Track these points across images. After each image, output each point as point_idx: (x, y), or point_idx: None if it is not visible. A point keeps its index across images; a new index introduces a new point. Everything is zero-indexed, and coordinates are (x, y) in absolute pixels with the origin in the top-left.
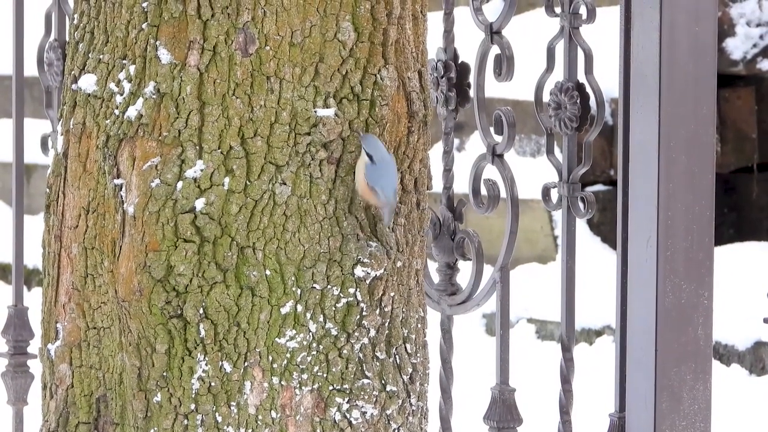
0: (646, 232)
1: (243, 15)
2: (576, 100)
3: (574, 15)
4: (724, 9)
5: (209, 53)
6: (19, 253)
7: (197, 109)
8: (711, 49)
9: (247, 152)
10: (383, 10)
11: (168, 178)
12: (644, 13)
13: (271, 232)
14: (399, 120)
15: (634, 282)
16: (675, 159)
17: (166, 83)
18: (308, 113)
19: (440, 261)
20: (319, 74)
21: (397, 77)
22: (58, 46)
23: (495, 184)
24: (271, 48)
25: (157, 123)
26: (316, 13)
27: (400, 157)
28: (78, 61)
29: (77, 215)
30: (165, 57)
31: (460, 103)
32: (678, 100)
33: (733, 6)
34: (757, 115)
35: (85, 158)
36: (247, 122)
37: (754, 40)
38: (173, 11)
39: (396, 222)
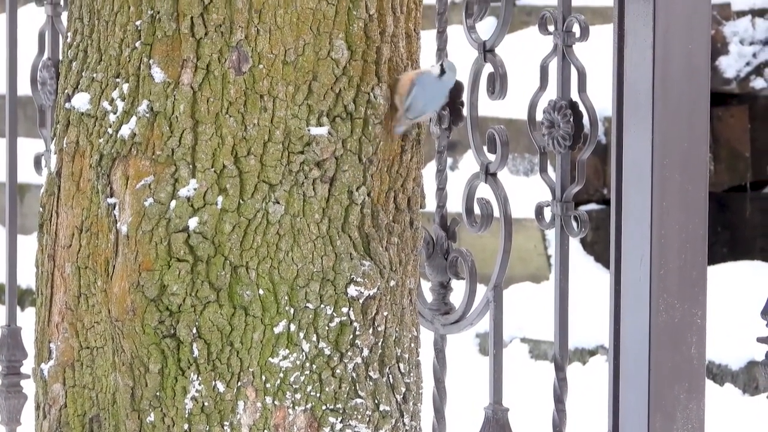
0: (640, 250)
1: (236, 33)
2: (569, 119)
3: (568, 33)
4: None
5: (203, 72)
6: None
7: (191, 128)
8: (704, 67)
9: (241, 171)
10: (377, 28)
11: (161, 197)
12: (637, 31)
13: (265, 251)
14: (392, 138)
15: (628, 301)
16: (668, 177)
17: (159, 102)
18: (301, 132)
19: (433, 280)
20: (313, 92)
21: (391, 96)
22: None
23: (488, 203)
24: (264, 66)
25: (151, 142)
26: (310, 32)
27: (393, 175)
28: (71, 80)
29: (70, 234)
30: (158, 75)
31: (454, 121)
32: (671, 118)
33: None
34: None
35: (79, 177)
36: (241, 141)
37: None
38: (166, 30)
39: (389, 241)
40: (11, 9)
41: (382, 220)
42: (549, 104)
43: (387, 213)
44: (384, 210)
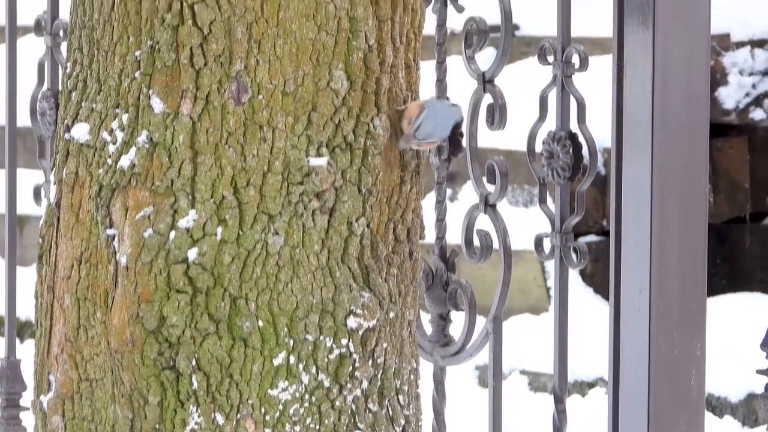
0: (639, 281)
1: (236, 64)
2: (569, 150)
3: (567, 64)
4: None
5: (202, 102)
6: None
7: (190, 159)
8: (704, 98)
9: (240, 202)
10: (376, 58)
11: (161, 228)
12: (637, 62)
13: (264, 282)
14: (392, 169)
15: (627, 332)
16: (668, 209)
17: (158, 132)
18: (301, 162)
19: (433, 312)
20: (312, 123)
21: (390, 126)
22: (51, 96)
23: (488, 234)
24: (263, 97)
25: (150, 172)
26: (309, 62)
27: (393, 206)
28: (71, 110)
29: (70, 266)
30: (158, 106)
31: (453, 152)
32: (670, 149)
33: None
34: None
35: (78, 208)
36: (240, 171)
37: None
38: (166, 60)
39: (388, 272)
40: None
41: (382, 251)
42: (548, 135)
43: (386, 244)
44: (383, 241)
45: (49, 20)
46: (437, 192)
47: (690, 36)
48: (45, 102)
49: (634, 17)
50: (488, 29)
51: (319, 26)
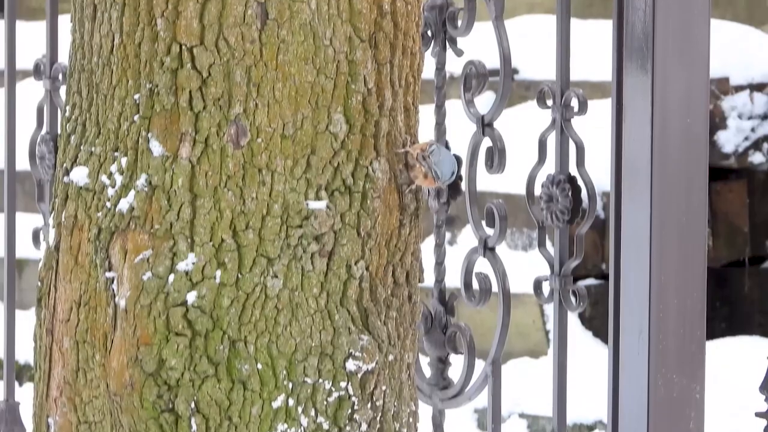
0: (638, 324)
1: (235, 107)
2: (567, 193)
3: (566, 107)
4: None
5: (201, 145)
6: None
7: (189, 202)
8: (703, 141)
9: (239, 245)
10: (375, 102)
11: (160, 271)
12: (636, 106)
13: (263, 325)
14: (391, 212)
15: (626, 375)
16: (667, 252)
17: (158, 175)
18: (300, 206)
19: (432, 355)
20: (311, 166)
21: (389, 169)
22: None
23: (487, 277)
24: (262, 140)
25: (149, 216)
26: (308, 105)
27: (392, 250)
28: (70, 154)
29: (69, 308)
30: (157, 149)
31: (452, 195)
32: (670, 193)
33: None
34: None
35: (77, 251)
36: (239, 215)
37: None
38: (165, 103)
39: (387, 315)
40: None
41: (381, 294)
42: (547, 178)
43: (385, 287)
44: (382, 284)
45: (48, 64)
46: (436, 235)
47: (689, 80)
48: (44, 146)
49: (633, 61)
50: (487, 73)
51: (318, 70)
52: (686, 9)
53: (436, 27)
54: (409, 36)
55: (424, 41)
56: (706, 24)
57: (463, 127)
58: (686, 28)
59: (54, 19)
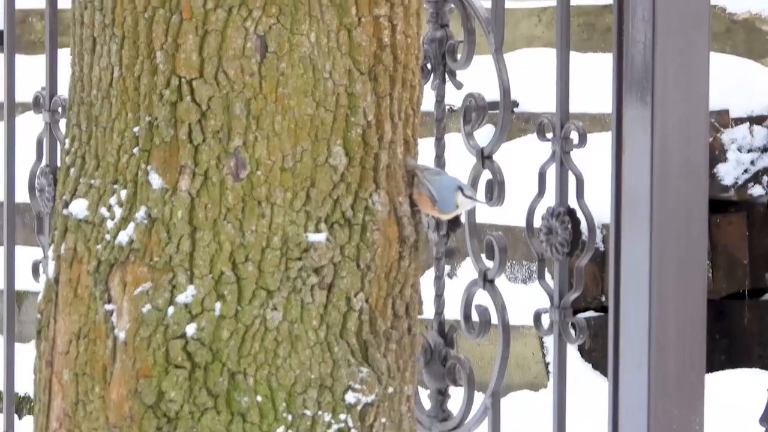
0: (638, 356)
1: (234, 139)
2: (567, 226)
3: (565, 140)
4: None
5: (200, 178)
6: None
7: (188, 234)
8: (702, 174)
9: (239, 277)
10: (375, 134)
11: (159, 304)
12: (635, 138)
13: (263, 357)
14: (390, 245)
15: (626, 407)
16: (666, 284)
17: (157, 208)
18: (299, 238)
19: (431, 387)
20: (311, 199)
21: (389, 202)
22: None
23: (486, 310)
24: (262, 172)
25: (149, 248)
26: (308, 138)
27: (391, 282)
28: (69, 186)
29: (68, 341)
30: (156, 182)
31: (452, 228)
32: (669, 225)
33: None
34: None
35: (76, 284)
36: (239, 247)
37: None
38: (164, 136)
39: (387, 348)
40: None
41: (380, 326)
42: (547, 211)
43: (385, 319)
44: (382, 316)
45: (48, 97)
46: (436, 268)
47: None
48: (43, 178)
49: (633, 93)
50: (487, 106)
51: (317, 102)
52: (686, 42)
53: (436, 60)
54: (409, 69)
55: (424, 74)
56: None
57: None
58: (686, 61)
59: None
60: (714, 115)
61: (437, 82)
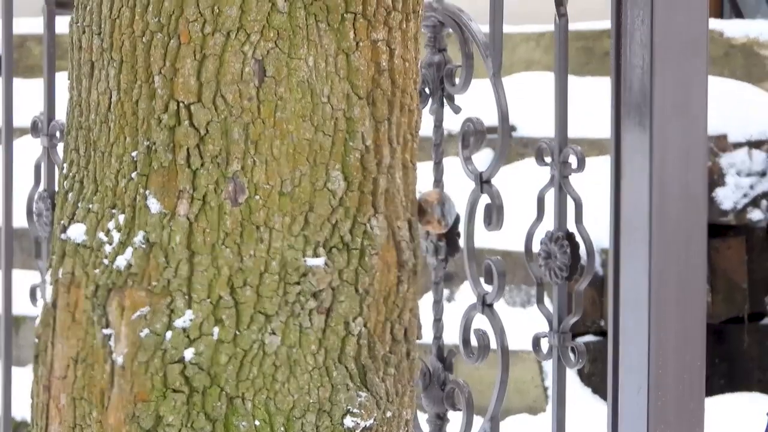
0: (637, 381)
1: (233, 164)
2: (566, 250)
3: (564, 164)
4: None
5: (199, 202)
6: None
7: (187, 259)
8: (701, 198)
9: (237, 302)
10: (373, 159)
11: (157, 328)
12: (634, 162)
13: (261, 382)
14: (389, 269)
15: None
16: (666, 309)
17: (155, 233)
18: (298, 263)
19: (430, 411)
20: (309, 223)
21: (387, 226)
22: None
23: (485, 334)
24: (260, 197)
25: (147, 273)
26: (306, 162)
27: (390, 306)
28: (67, 211)
29: (66, 365)
30: (154, 206)
31: (450, 252)
32: (668, 250)
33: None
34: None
35: (74, 308)
36: (237, 272)
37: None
38: (162, 160)
39: (386, 372)
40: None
41: (379, 351)
42: (546, 235)
43: (384, 344)
44: (381, 341)
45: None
46: (434, 292)
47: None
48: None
49: (631, 117)
50: (485, 130)
51: (316, 127)
52: (684, 66)
53: (434, 84)
54: (407, 93)
55: (422, 98)
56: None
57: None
58: (684, 86)
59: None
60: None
61: (435, 107)
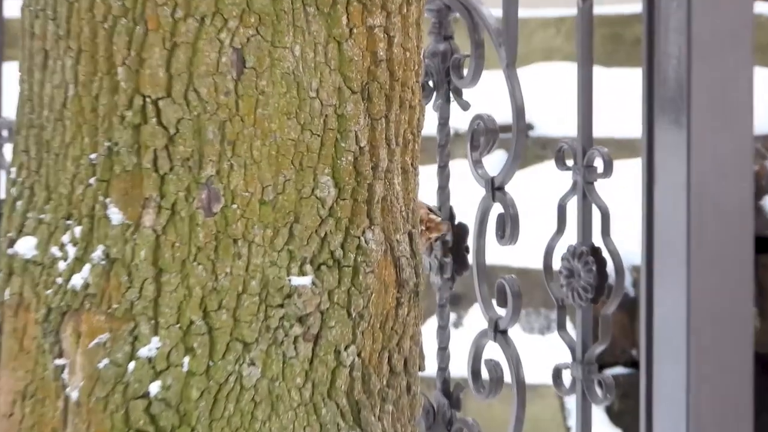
0: (674, 420)
1: (206, 168)
2: (591, 267)
3: (588, 168)
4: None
5: (167, 212)
6: None
7: (153, 278)
8: (747, 208)
9: (210, 327)
10: (368, 162)
11: (118, 358)
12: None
13: (238, 420)
14: (386, 290)
15: None
16: (706, 336)
17: (116, 247)
18: (281, 282)
19: None
20: (294, 237)
21: (384, 240)
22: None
23: (498, 365)
24: (238, 206)
25: (106, 293)
26: (291, 166)
27: (388, 333)
28: (15, 222)
29: (12, 401)
30: (116, 217)
31: (457, 270)
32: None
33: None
34: None
35: (22, 335)
36: (211, 293)
37: None
38: (126, 164)
39: (383, 410)
40: None
41: (375, 384)
42: (568, 250)
43: (380, 376)
44: (376, 373)
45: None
46: (439, 316)
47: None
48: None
49: (665, 114)
50: (498, 129)
51: (302, 125)
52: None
53: (439, 76)
54: (408, 87)
55: (425, 93)
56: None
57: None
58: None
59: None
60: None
61: (440, 102)
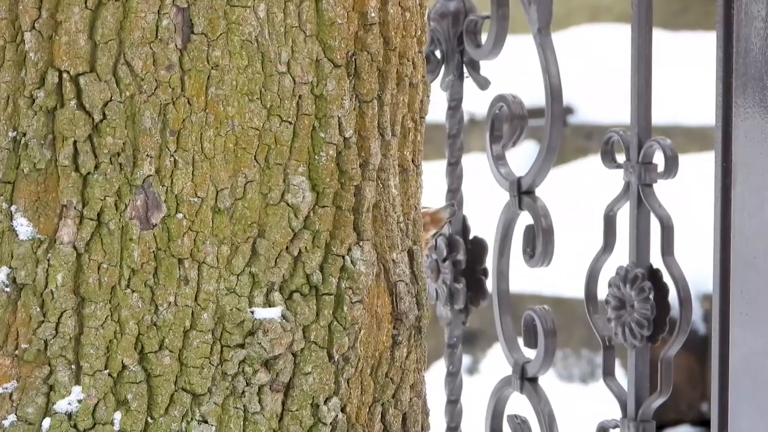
0: None
1: (143, 166)
2: (648, 295)
3: (646, 166)
4: None
5: (91, 224)
6: None
7: (73, 309)
8: None
9: (149, 374)
10: (355, 158)
11: (29, 414)
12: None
13: None
14: (379, 325)
15: None
16: None
17: (25, 270)
18: (241, 315)
19: None
20: (258, 255)
21: (377, 260)
22: None
23: (525, 422)
24: (185, 216)
25: (12, 330)
26: (254, 164)
27: (381, 381)
28: None
29: None
30: (24, 230)
31: (473, 299)
32: None
33: None
34: None
35: None
36: (149, 329)
37: None
38: (37, 160)
39: None
40: None
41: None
42: (617, 273)
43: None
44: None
45: None
46: (448, 359)
47: None
48: None
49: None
50: (526, 114)
51: (269, 109)
52: None
53: (449, 45)
54: (407, 58)
55: (431, 66)
56: None
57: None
58: None
59: None
60: None
61: (451, 79)
